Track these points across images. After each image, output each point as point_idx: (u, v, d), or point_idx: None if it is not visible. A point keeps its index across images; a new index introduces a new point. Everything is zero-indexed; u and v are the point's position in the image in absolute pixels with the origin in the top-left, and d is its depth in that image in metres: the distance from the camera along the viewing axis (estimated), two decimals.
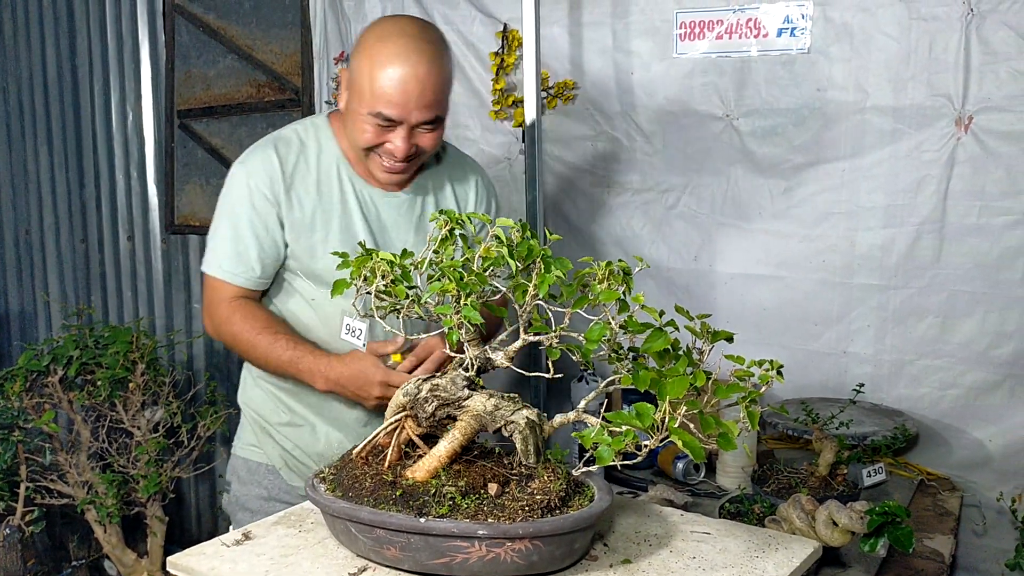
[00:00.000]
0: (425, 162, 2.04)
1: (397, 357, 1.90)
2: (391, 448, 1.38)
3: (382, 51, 1.81)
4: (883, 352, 2.61)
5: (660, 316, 1.29)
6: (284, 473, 2.12)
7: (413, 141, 1.87)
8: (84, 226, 4.27)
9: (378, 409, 1.93)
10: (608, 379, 1.33)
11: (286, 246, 1.96)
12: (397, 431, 1.40)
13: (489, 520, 1.21)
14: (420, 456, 1.35)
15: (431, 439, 1.38)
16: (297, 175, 1.94)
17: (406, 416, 1.40)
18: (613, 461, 1.18)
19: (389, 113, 1.81)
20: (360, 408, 2.02)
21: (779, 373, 1.27)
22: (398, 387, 1.84)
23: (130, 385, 3.00)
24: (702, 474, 2.39)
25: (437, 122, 1.88)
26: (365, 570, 1.27)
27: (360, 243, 1.76)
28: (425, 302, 1.35)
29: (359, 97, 1.85)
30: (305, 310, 2.02)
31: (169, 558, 1.33)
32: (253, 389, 2.13)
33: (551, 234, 1.45)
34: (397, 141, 1.85)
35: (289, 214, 1.94)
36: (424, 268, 1.39)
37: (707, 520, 1.46)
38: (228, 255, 1.95)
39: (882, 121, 2.52)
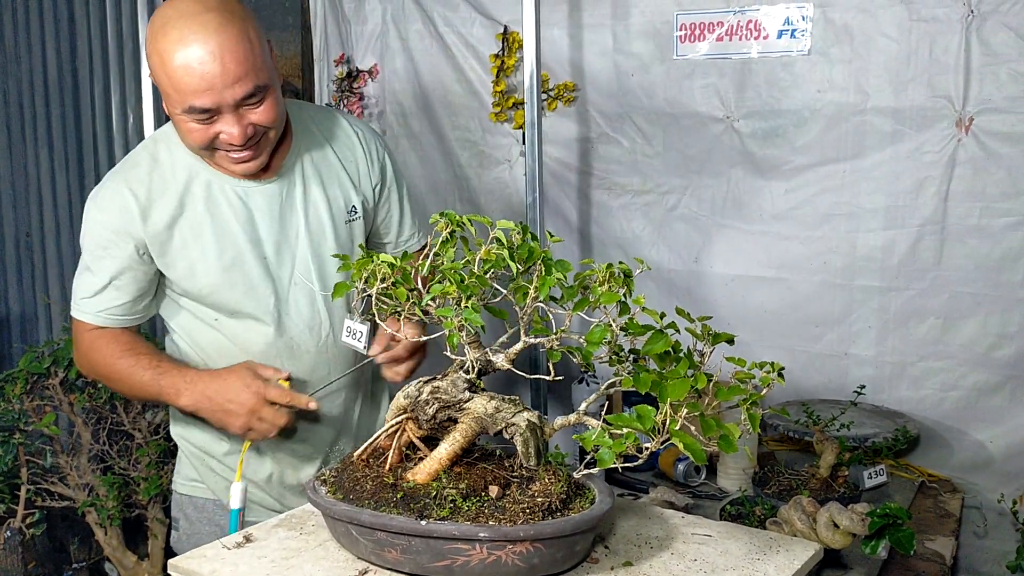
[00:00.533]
0: (289, 137, 1.87)
1: (284, 383, 1.79)
2: (392, 450, 1.38)
3: (166, 43, 1.62)
4: (884, 354, 2.61)
5: (661, 318, 1.29)
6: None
7: (246, 122, 1.67)
8: None
9: (245, 434, 1.78)
10: (609, 381, 1.32)
11: (161, 275, 1.84)
12: (398, 433, 1.40)
13: (490, 523, 1.21)
14: (421, 458, 1.35)
15: (432, 441, 1.38)
16: (154, 198, 1.78)
17: (407, 418, 1.40)
18: (614, 463, 1.18)
19: (201, 104, 1.63)
20: (304, 425, 1.92)
21: (780, 375, 1.27)
22: (276, 403, 1.74)
23: None
24: (703, 476, 2.38)
25: (260, 92, 1.67)
26: (366, 573, 1.27)
27: (360, 245, 1.75)
28: (426, 304, 1.35)
29: (168, 99, 1.68)
30: (213, 335, 1.88)
31: (170, 561, 1.33)
32: (185, 419, 1.96)
33: (552, 236, 1.45)
34: (228, 128, 1.66)
35: (155, 241, 1.78)
36: (424, 271, 1.38)
37: (708, 522, 1.46)
38: (85, 296, 1.84)
39: (883, 122, 2.52)
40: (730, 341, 1.30)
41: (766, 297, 2.75)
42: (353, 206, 1.93)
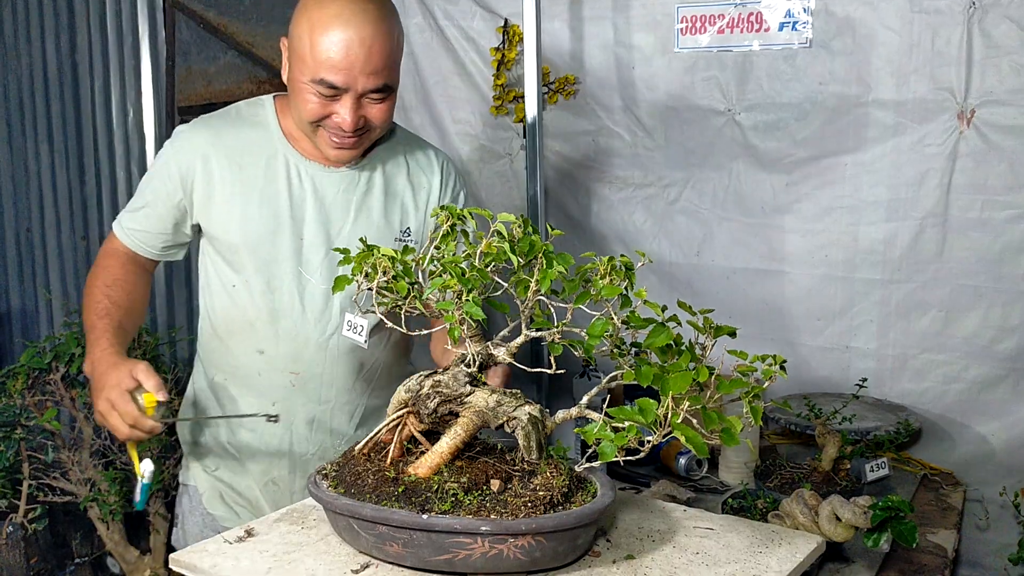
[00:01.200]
0: (378, 140, 1.91)
1: (150, 399, 1.68)
2: (393, 444, 1.38)
3: (323, 14, 1.68)
4: (886, 347, 2.60)
5: (663, 311, 1.28)
6: (209, 505, 2.01)
7: (361, 112, 1.73)
8: (85, 223, 4.26)
9: (96, 420, 1.72)
10: (610, 375, 1.32)
11: (197, 229, 1.90)
12: (399, 427, 1.40)
13: (492, 516, 1.20)
14: (422, 452, 1.35)
15: (433, 435, 1.38)
16: (221, 146, 1.84)
17: (408, 412, 1.40)
18: (616, 457, 1.18)
19: (333, 80, 1.68)
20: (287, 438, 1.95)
21: (782, 368, 1.27)
22: (123, 417, 1.64)
23: None
24: (704, 470, 2.38)
25: (386, 91, 1.74)
26: (368, 567, 1.27)
27: (361, 239, 1.73)
28: (427, 298, 1.34)
29: (300, 65, 1.72)
30: (226, 302, 1.90)
31: (172, 555, 1.32)
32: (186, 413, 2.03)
33: (553, 229, 1.45)
34: (344, 112, 1.71)
35: (206, 186, 1.84)
36: (426, 264, 1.38)
37: (710, 516, 1.46)
38: (128, 212, 1.92)
39: (884, 115, 2.51)
40: (732, 334, 1.30)
41: (767, 290, 2.75)
42: (408, 227, 1.94)
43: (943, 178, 2.46)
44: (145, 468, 1.82)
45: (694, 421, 1.17)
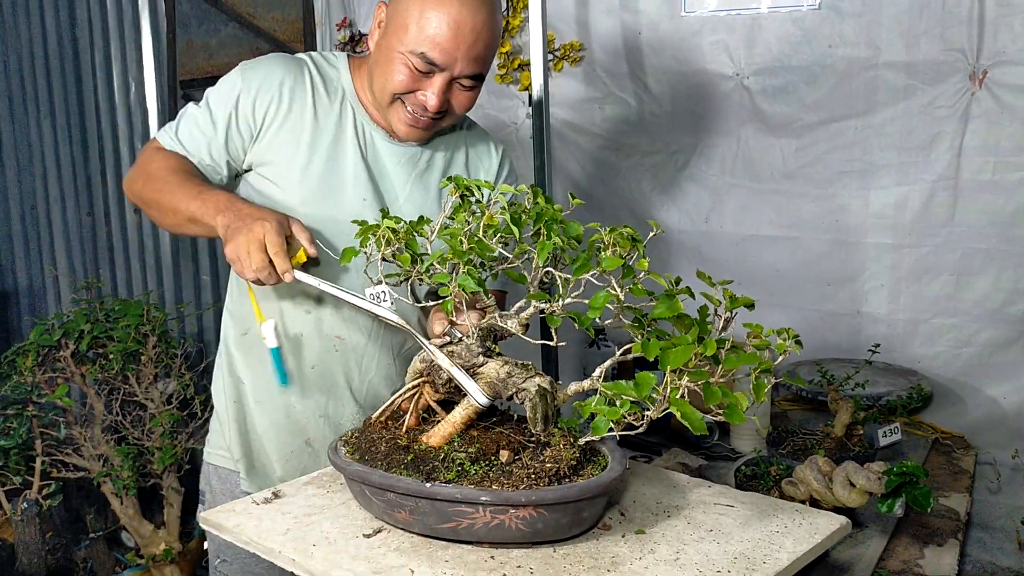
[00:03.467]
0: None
1: (302, 257, 1.57)
2: (409, 413, 1.39)
3: None
4: (897, 311, 2.59)
5: (677, 283, 1.27)
6: (244, 484, 1.85)
7: (448, 95, 1.70)
8: (90, 199, 4.26)
9: (227, 254, 1.55)
10: (624, 347, 1.31)
11: (246, 170, 1.78)
12: (416, 397, 1.41)
13: (494, 487, 1.20)
14: (438, 422, 1.36)
15: (449, 405, 1.38)
16: (296, 96, 1.77)
17: (423, 382, 1.41)
18: (612, 431, 1.17)
19: (433, 56, 1.63)
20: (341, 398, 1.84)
21: (797, 342, 1.25)
22: (269, 248, 1.49)
23: (142, 358, 3.01)
24: (716, 437, 2.38)
25: (478, 80, 1.71)
26: (380, 531, 1.28)
27: (382, 209, 1.70)
28: (430, 267, 1.34)
29: (399, 34, 1.66)
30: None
31: (202, 514, 1.36)
32: (238, 379, 1.87)
33: (574, 198, 1.42)
34: (432, 91, 1.67)
35: (278, 123, 1.75)
36: (438, 235, 1.38)
37: (735, 493, 1.44)
38: (185, 123, 1.78)
39: (895, 77, 2.48)
40: (750, 306, 1.27)
41: (777, 256, 2.73)
42: None
43: (954, 140, 2.43)
44: (266, 330, 1.66)
45: (701, 395, 1.16)
